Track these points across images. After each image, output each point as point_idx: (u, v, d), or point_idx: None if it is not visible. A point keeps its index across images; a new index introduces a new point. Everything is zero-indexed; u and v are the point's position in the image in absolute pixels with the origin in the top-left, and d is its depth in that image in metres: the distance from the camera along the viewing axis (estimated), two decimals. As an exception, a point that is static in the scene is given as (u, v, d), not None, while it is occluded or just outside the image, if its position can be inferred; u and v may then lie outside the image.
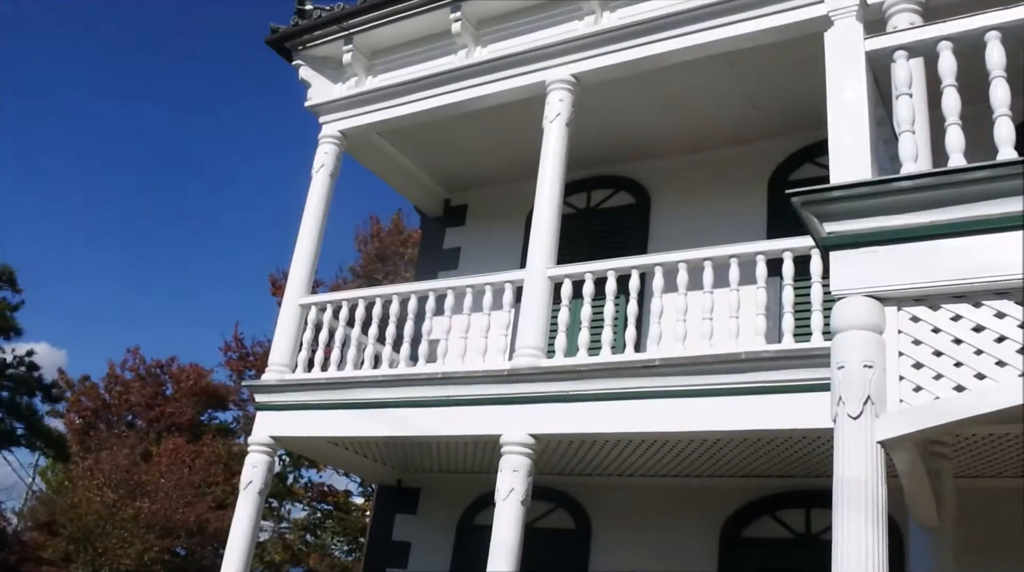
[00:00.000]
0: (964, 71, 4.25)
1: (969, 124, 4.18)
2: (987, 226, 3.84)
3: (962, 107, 4.18)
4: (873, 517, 3.65)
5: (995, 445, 6.23)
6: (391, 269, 26.90)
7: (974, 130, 4.25)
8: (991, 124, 4.05)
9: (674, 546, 8.15)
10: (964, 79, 4.25)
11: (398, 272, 26.18)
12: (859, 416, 3.74)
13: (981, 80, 4.18)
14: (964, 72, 4.26)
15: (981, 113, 4.25)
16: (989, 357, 3.69)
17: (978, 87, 4.21)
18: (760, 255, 6.57)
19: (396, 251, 27.63)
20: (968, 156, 4.07)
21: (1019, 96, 4.37)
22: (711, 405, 6.33)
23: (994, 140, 4.02)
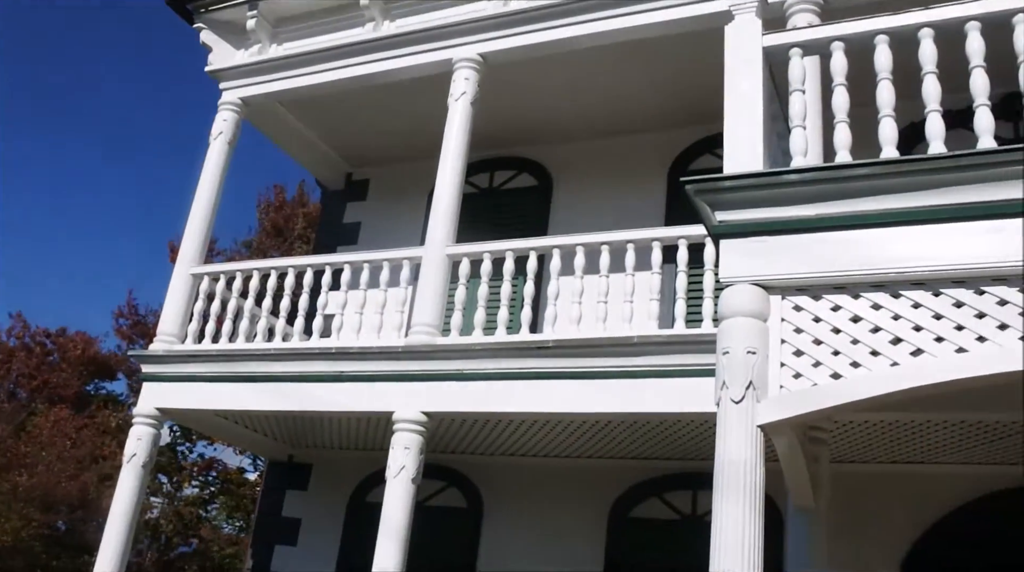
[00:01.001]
0: (868, 71, 4.38)
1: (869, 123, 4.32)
2: (868, 221, 3.99)
3: (867, 107, 4.30)
4: (751, 498, 3.77)
5: (870, 432, 6.49)
6: (290, 241, 26.47)
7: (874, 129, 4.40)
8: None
9: (564, 525, 8.28)
10: (868, 79, 4.39)
11: (297, 245, 25.79)
12: (741, 400, 3.85)
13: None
14: (868, 72, 4.40)
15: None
16: (865, 347, 3.84)
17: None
18: (656, 242, 6.70)
19: (297, 224, 27.19)
20: (871, 154, 4.21)
21: (907, 100, 4.52)
22: (603, 387, 6.44)
23: (879, 139, 4.17)
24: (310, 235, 25.45)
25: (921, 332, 3.78)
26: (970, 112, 4.10)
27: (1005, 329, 3.68)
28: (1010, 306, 3.70)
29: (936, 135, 4.10)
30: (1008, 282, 3.72)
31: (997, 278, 3.74)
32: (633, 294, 6.59)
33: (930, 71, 4.22)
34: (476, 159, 9.25)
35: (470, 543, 8.64)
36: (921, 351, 3.76)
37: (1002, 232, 3.73)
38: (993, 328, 3.70)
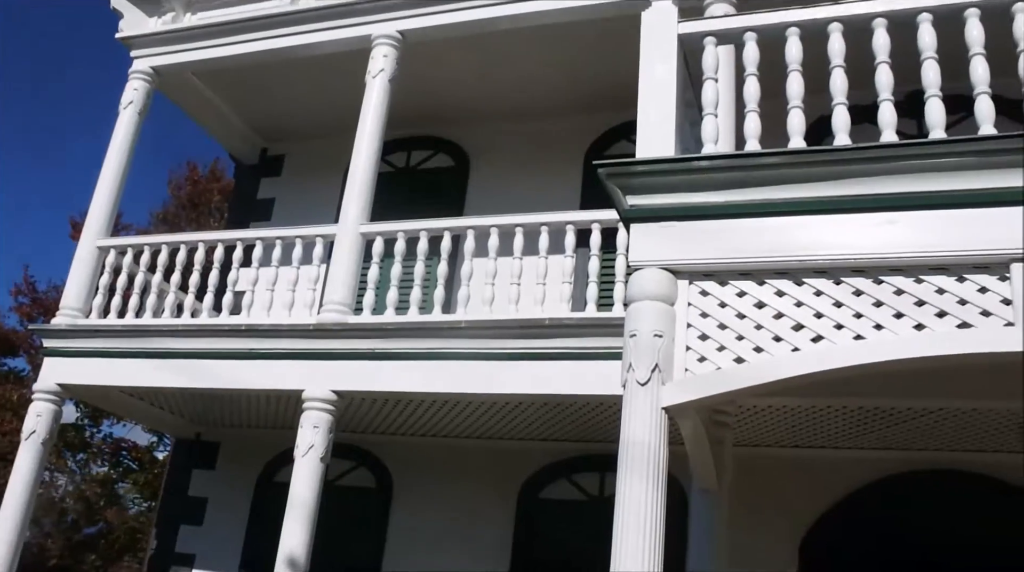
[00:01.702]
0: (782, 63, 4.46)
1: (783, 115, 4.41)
2: (775, 209, 4.08)
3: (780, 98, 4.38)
4: (654, 478, 3.84)
5: (773, 417, 6.66)
6: (202, 217, 25.89)
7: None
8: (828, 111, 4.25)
9: (474, 506, 8.32)
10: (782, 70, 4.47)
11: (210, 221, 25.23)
12: (647, 383, 3.91)
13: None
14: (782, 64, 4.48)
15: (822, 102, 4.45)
16: (768, 332, 3.93)
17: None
18: (570, 225, 6.75)
19: (209, 199, 26.60)
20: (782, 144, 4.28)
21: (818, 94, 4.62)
22: (515, 368, 6.48)
23: (787, 130, 4.27)
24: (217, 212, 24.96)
25: (822, 319, 3.89)
26: (876, 107, 4.22)
27: (901, 318, 3.81)
28: (906, 296, 3.82)
29: (842, 128, 4.20)
30: (904, 272, 3.85)
31: (894, 268, 3.87)
32: (546, 277, 6.63)
33: (838, 65, 4.32)
34: (393, 138, 9.17)
35: (379, 523, 8.61)
36: (821, 337, 3.86)
37: (898, 223, 3.85)
38: (889, 317, 3.82)
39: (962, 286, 3.79)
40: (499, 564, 8.07)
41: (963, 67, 4.13)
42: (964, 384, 5.20)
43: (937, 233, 3.84)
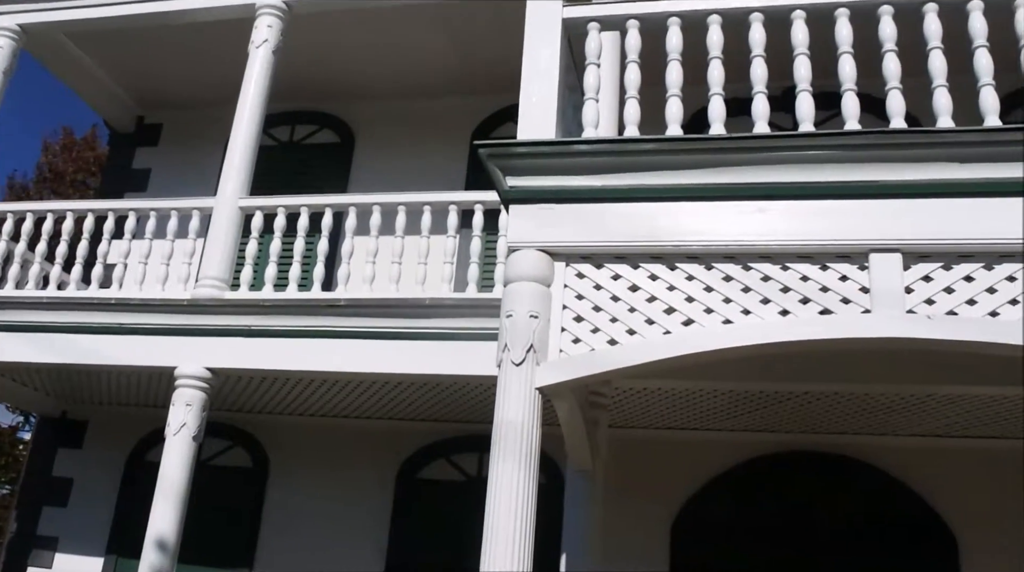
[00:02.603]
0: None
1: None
2: (652, 194, 4.15)
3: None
4: (527, 458, 3.87)
5: (647, 399, 6.81)
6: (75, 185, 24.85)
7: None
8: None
9: (352, 486, 8.25)
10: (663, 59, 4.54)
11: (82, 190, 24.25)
12: (521, 363, 3.94)
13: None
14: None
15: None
16: (641, 315, 4.01)
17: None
18: (453, 205, 6.74)
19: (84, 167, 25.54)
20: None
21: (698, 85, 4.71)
22: (395, 348, 6.43)
23: (665, 118, 4.35)
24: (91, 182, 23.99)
25: (693, 303, 3.99)
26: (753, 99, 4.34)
27: (767, 303, 3.93)
28: (772, 282, 3.95)
29: (717, 118, 4.30)
30: (772, 259, 3.98)
31: (763, 255, 3.99)
32: (428, 256, 6.60)
33: (716, 56, 4.42)
34: (277, 111, 8.99)
35: (255, 503, 8.46)
36: (692, 321, 3.96)
37: (767, 212, 3.98)
38: (757, 302, 3.94)
39: (825, 274, 3.94)
40: (377, 545, 8.04)
41: (835, 65, 4.28)
42: (827, 369, 5.41)
43: (804, 222, 3.98)
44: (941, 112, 4.18)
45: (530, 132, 4.43)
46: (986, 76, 4.22)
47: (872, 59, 4.35)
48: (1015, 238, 3.86)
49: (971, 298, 3.85)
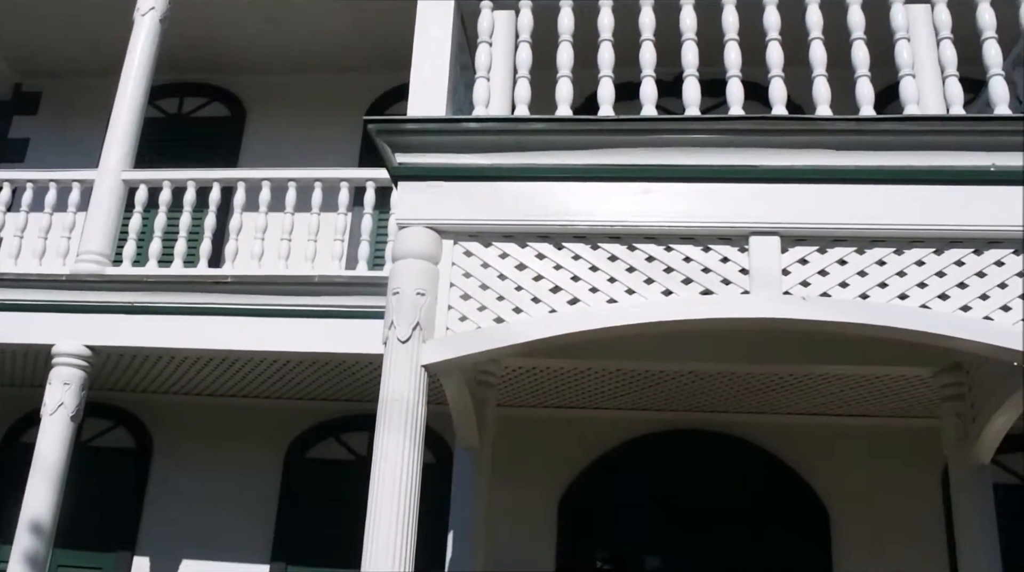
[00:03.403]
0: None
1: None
2: (540, 174, 4.19)
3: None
4: (412, 434, 3.87)
5: (537, 378, 6.88)
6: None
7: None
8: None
9: (238, 466, 8.11)
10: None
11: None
12: (408, 340, 3.94)
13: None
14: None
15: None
16: (527, 293, 4.05)
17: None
18: (345, 182, 6.67)
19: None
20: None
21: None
22: (283, 325, 6.34)
23: (555, 98, 4.39)
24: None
25: (579, 282, 4.05)
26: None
27: (651, 283, 4.02)
28: (656, 262, 4.04)
29: (606, 99, 4.36)
30: (656, 240, 4.07)
31: (648, 236, 4.08)
32: (318, 234, 6.53)
33: (606, 39, 4.48)
34: (164, 83, 8.73)
35: (137, 485, 8.25)
36: (577, 300, 4.02)
37: (652, 194, 4.06)
38: (641, 282, 4.03)
39: (707, 255, 4.05)
40: (264, 525, 7.93)
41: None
42: (710, 349, 5.55)
43: (687, 204, 4.08)
44: (820, 100, 4.32)
45: (420, 109, 4.41)
46: (862, 68, 4.38)
47: (758, 48, 4.46)
48: (885, 223, 4.04)
49: (843, 281, 4.01)
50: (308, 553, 7.83)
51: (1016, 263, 4.03)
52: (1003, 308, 3.96)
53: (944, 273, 4.01)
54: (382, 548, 3.72)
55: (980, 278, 4.00)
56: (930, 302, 3.97)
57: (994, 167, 4.11)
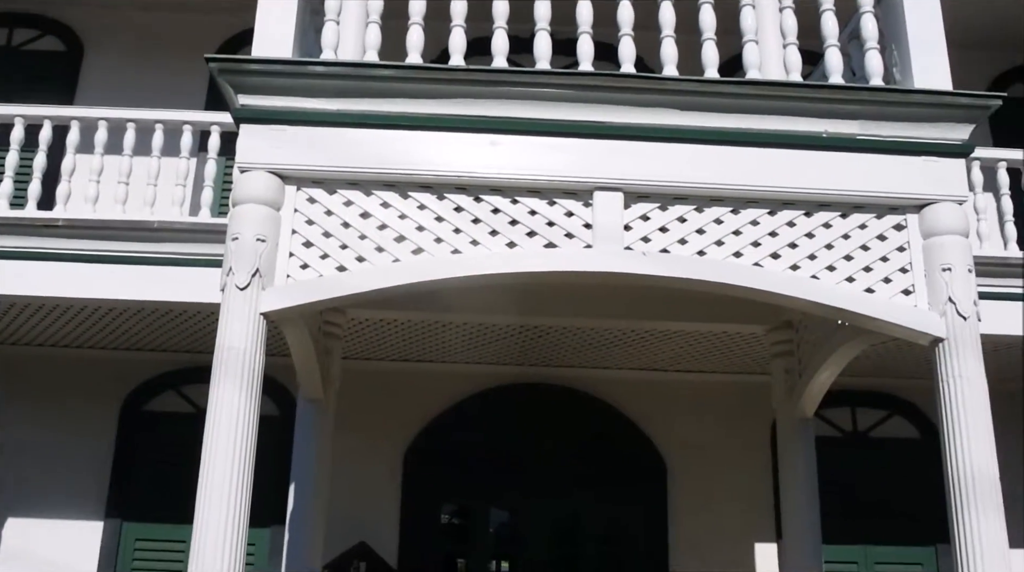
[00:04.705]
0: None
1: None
2: (388, 122, 4.13)
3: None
4: (249, 385, 3.79)
5: (383, 330, 6.83)
6: None
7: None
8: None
9: (71, 419, 7.74)
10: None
11: None
12: (246, 287, 3.83)
13: None
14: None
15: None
16: (371, 242, 4.00)
17: None
18: (188, 125, 6.41)
19: None
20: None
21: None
22: (120, 273, 6.08)
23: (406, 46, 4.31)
24: None
25: (423, 232, 4.03)
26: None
27: (496, 235, 4.04)
28: (502, 214, 4.06)
29: (457, 50, 4.33)
30: (502, 192, 4.08)
31: (494, 188, 4.09)
32: (158, 178, 6.26)
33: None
34: (-8, 11, 8.16)
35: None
36: (421, 250, 4.00)
37: (499, 146, 4.06)
38: (486, 234, 4.04)
39: (552, 209, 4.09)
40: (99, 481, 7.64)
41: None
42: (555, 304, 5.63)
43: (534, 158, 4.11)
44: (667, 61, 4.41)
45: (266, 50, 4.25)
46: (708, 31, 4.50)
47: (611, 10, 4.50)
48: (724, 183, 4.17)
49: (682, 238, 4.13)
50: (145, 509, 7.59)
51: (842, 226, 4.24)
52: (829, 268, 4.17)
53: (776, 233, 4.18)
54: (216, 501, 3.65)
55: (809, 239, 4.20)
56: (762, 261, 4.14)
57: (826, 133, 4.30)
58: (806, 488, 5.57)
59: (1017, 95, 8.67)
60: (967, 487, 3.83)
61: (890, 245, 4.23)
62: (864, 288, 4.16)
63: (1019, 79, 8.90)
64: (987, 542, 3.76)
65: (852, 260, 4.19)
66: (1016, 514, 4.51)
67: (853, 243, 4.21)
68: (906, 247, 4.23)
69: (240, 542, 3.65)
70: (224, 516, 3.61)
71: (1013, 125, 8.00)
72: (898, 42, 4.64)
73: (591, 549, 7.65)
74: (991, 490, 3.84)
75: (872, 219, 4.25)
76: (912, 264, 4.20)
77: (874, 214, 4.26)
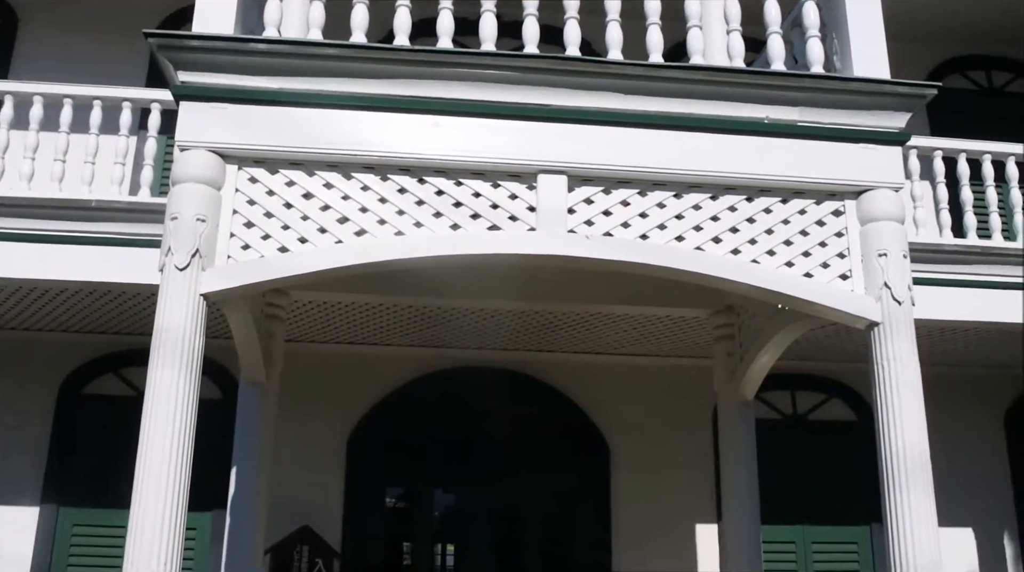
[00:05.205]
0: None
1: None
2: (331, 101, 4.09)
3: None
4: (188, 367, 3.74)
5: (328, 312, 6.78)
6: None
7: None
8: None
9: (6, 403, 7.59)
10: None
11: None
12: (186, 267, 3.78)
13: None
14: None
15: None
16: (314, 223, 3.97)
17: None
18: (127, 102, 6.28)
19: None
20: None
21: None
22: (57, 252, 5.94)
23: (351, 25, 4.27)
24: None
25: (367, 213, 4.00)
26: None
27: (439, 217, 4.03)
28: (446, 196, 4.05)
29: (402, 30, 4.28)
30: (446, 174, 4.07)
31: (438, 170, 4.07)
32: (96, 156, 6.13)
33: (404, -32, 4.39)
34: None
35: None
36: (364, 231, 3.98)
37: (443, 127, 4.05)
38: (429, 215, 4.03)
39: (496, 191, 4.09)
40: (35, 465, 7.49)
41: None
42: (500, 287, 5.63)
43: (478, 140, 4.09)
44: (612, 45, 4.43)
45: (207, 26, 4.17)
46: (653, 16, 4.52)
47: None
48: (667, 167, 4.20)
49: (626, 221, 4.16)
50: (83, 494, 7.48)
51: (783, 211, 4.30)
52: (769, 253, 4.23)
53: (718, 218, 4.23)
54: (154, 485, 3.60)
55: (750, 224, 4.25)
56: (704, 245, 4.18)
57: (768, 119, 4.35)
58: (746, 470, 5.66)
59: (954, 86, 8.88)
60: (899, 466, 3.93)
61: (828, 231, 4.30)
62: (803, 273, 4.23)
63: (956, 70, 9.08)
64: (918, 519, 3.86)
65: (792, 245, 4.26)
66: (943, 494, 4.62)
67: (793, 228, 4.28)
68: (844, 233, 4.31)
69: (179, 527, 3.60)
70: (162, 500, 3.57)
71: (950, 115, 8.18)
72: (839, 31, 4.71)
73: (536, 532, 7.71)
74: (922, 469, 3.93)
75: (811, 205, 4.32)
76: (849, 249, 4.28)
77: (813, 200, 4.32)
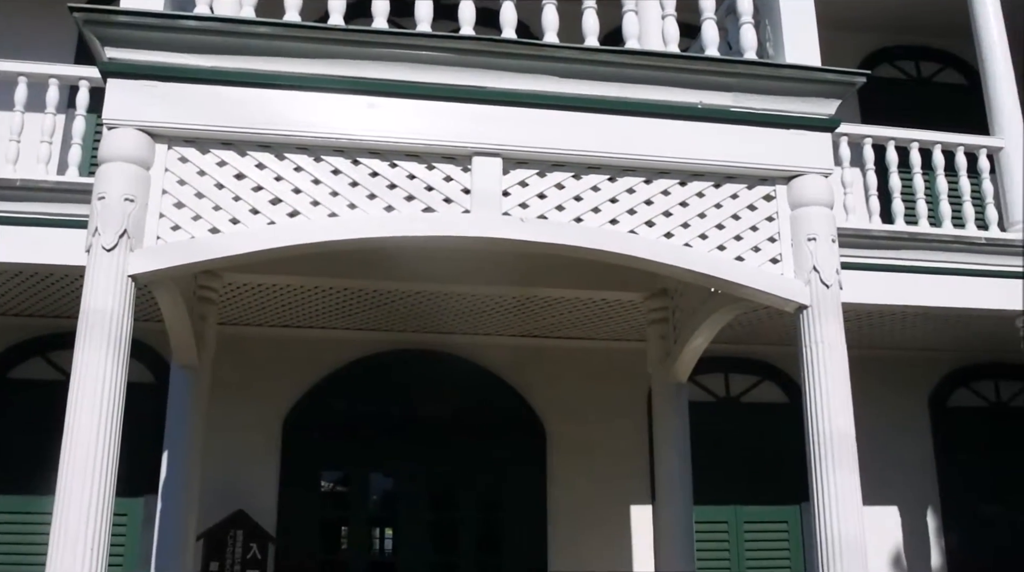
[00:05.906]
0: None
1: None
2: (264, 81, 4.03)
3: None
4: (116, 350, 3.66)
5: (261, 295, 6.70)
6: None
7: None
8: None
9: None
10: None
11: None
12: (113, 248, 3.70)
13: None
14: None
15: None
16: (245, 204, 3.91)
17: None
18: (54, 79, 6.12)
19: None
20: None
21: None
22: (-21, 233, 5.79)
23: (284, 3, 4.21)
24: None
25: (300, 195, 3.96)
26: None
27: (373, 199, 4.01)
28: (380, 178, 4.03)
29: (336, 9, 4.24)
30: (381, 156, 4.05)
31: (372, 151, 4.05)
32: (22, 134, 5.97)
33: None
34: None
35: None
36: (298, 213, 3.94)
37: (378, 108, 4.02)
38: (363, 197, 4.00)
39: (431, 174, 4.08)
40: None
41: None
42: (435, 270, 5.63)
43: (413, 121, 4.08)
44: (548, 28, 4.44)
45: (136, 1, 4.09)
46: (590, 0, 4.53)
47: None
48: (602, 151, 4.23)
49: (560, 204, 4.18)
50: (9, 481, 7.31)
51: (715, 195, 4.35)
52: (701, 236, 4.28)
53: (652, 201, 4.27)
54: (80, 470, 3.53)
55: (683, 207, 4.30)
56: (638, 228, 4.22)
57: (701, 104, 4.40)
58: (679, 451, 5.74)
59: (884, 75, 9.06)
60: (826, 446, 4.02)
61: (760, 215, 4.37)
62: (735, 256, 4.29)
63: (886, 60, 9.27)
64: (843, 498, 3.96)
65: (724, 229, 4.31)
66: (870, 474, 4.75)
67: (725, 212, 4.33)
68: (775, 217, 4.38)
69: (106, 512, 3.54)
70: (88, 485, 3.50)
71: (881, 104, 8.36)
72: (771, 18, 4.78)
73: (472, 514, 7.73)
74: (848, 449, 4.03)
75: (743, 189, 4.38)
76: (780, 234, 4.35)
77: (745, 184, 4.39)
